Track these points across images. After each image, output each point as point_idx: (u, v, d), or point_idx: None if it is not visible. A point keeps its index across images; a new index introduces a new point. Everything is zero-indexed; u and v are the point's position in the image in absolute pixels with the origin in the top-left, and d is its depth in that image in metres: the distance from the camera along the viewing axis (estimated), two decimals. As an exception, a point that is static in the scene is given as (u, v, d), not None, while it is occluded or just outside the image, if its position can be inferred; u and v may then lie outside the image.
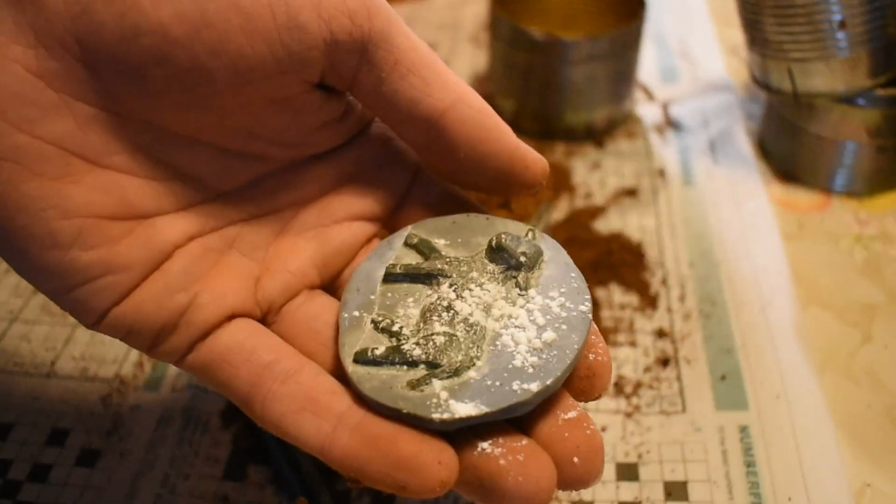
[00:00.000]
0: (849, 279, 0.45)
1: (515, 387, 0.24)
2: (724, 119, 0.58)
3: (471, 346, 0.25)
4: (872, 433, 0.37)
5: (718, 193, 0.51)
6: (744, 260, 0.47)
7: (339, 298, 0.29)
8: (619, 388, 0.40)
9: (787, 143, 0.52)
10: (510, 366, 0.25)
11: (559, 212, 0.50)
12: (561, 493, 0.35)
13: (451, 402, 0.24)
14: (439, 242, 0.29)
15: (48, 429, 0.39)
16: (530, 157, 0.29)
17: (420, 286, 0.28)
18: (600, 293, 0.45)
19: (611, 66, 0.54)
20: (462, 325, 0.26)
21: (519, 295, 0.27)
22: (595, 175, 0.53)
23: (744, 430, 0.38)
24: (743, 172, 0.53)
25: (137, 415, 0.39)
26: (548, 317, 0.26)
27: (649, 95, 0.61)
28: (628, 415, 0.39)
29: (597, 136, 0.56)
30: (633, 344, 0.42)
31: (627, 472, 0.36)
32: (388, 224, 0.31)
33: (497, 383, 0.24)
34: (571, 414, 0.25)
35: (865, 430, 0.38)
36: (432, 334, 0.26)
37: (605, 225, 0.49)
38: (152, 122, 0.25)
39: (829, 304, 0.44)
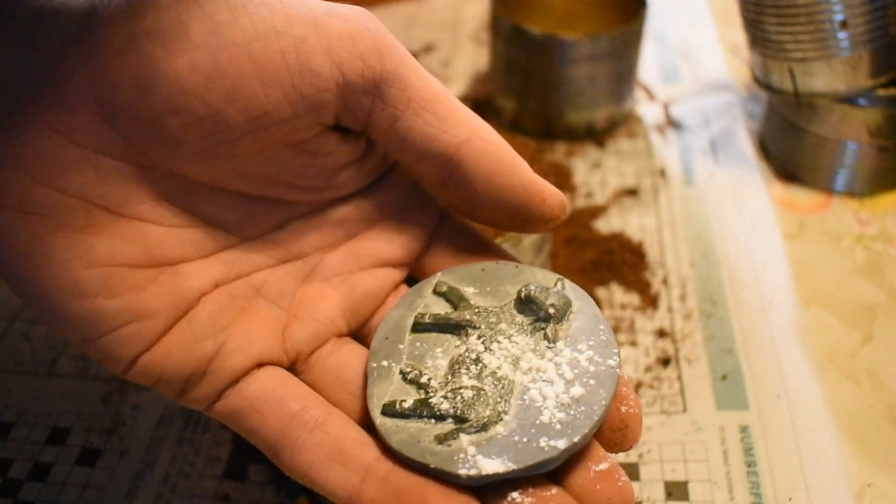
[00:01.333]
0: (850, 279, 0.45)
1: (543, 443, 0.24)
2: (724, 119, 0.58)
3: (498, 400, 0.25)
4: (873, 433, 0.37)
5: (719, 193, 0.51)
6: (745, 260, 0.47)
7: (367, 346, 0.29)
8: (619, 387, 0.40)
9: (788, 143, 0.52)
10: (538, 421, 0.25)
11: (560, 211, 0.50)
12: (561, 493, 0.35)
13: (479, 457, 0.24)
14: (468, 291, 0.28)
15: (49, 428, 0.39)
16: (547, 191, 0.29)
17: (449, 336, 0.28)
18: (601, 293, 0.45)
19: (612, 66, 0.54)
20: (490, 378, 0.26)
21: (547, 348, 0.27)
22: (596, 175, 0.53)
23: (744, 429, 0.38)
24: (744, 172, 0.53)
25: (138, 414, 0.39)
26: (576, 371, 0.26)
27: (650, 95, 0.61)
28: (629, 414, 0.39)
29: (597, 135, 0.56)
30: (633, 343, 0.42)
31: (628, 471, 0.36)
32: (414, 269, 0.31)
33: (524, 439, 0.24)
34: (603, 466, 0.25)
35: (866, 430, 0.38)
36: (460, 388, 0.26)
37: (605, 224, 0.49)
38: (173, 172, 0.26)
39: (829, 304, 0.44)
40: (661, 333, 0.42)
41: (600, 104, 0.55)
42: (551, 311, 0.27)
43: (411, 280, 0.31)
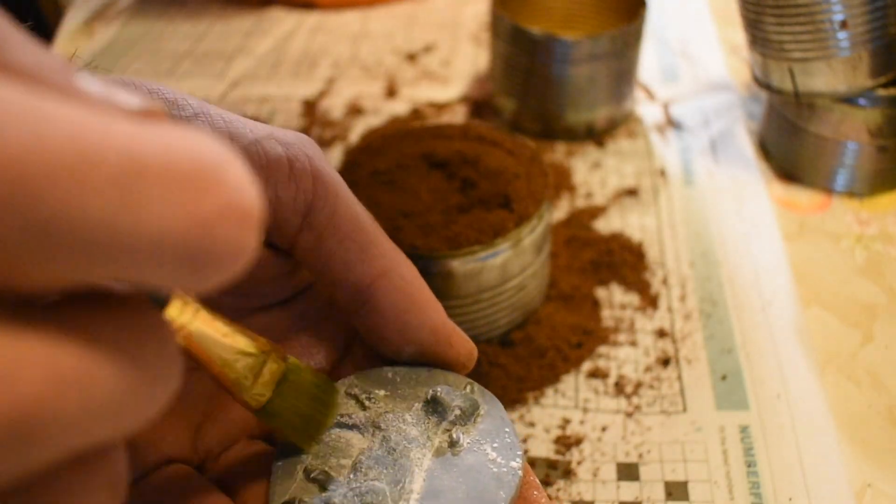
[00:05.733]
0: (850, 279, 0.45)
1: None
2: (724, 119, 0.57)
3: (398, 500, 0.26)
4: (873, 433, 0.37)
5: (719, 193, 0.51)
6: (745, 260, 0.47)
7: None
8: (619, 387, 0.40)
9: (788, 143, 0.52)
10: None
11: (560, 211, 0.50)
12: (561, 493, 0.35)
13: None
14: (379, 393, 0.29)
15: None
16: (456, 337, 0.29)
17: (356, 436, 0.28)
18: (601, 293, 0.45)
19: (612, 66, 0.54)
20: (392, 477, 0.26)
21: (450, 449, 0.27)
22: (596, 175, 0.53)
23: (744, 429, 0.38)
24: (744, 172, 0.53)
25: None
26: (479, 473, 0.26)
27: (650, 95, 0.61)
28: (629, 414, 0.39)
29: (597, 135, 0.56)
30: (633, 344, 0.42)
31: (628, 471, 0.36)
32: (332, 374, 0.31)
33: None
34: None
35: (866, 431, 0.37)
36: (362, 487, 0.26)
37: (605, 225, 0.49)
38: None
39: (829, 304, 0.44)
40: (661, 333, 0.42)
41: (600, 104, 0.55)
42: (457, 413, 0.28)
43: None
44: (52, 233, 0.12)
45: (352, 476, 0.26)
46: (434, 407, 0.28)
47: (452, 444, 0.27)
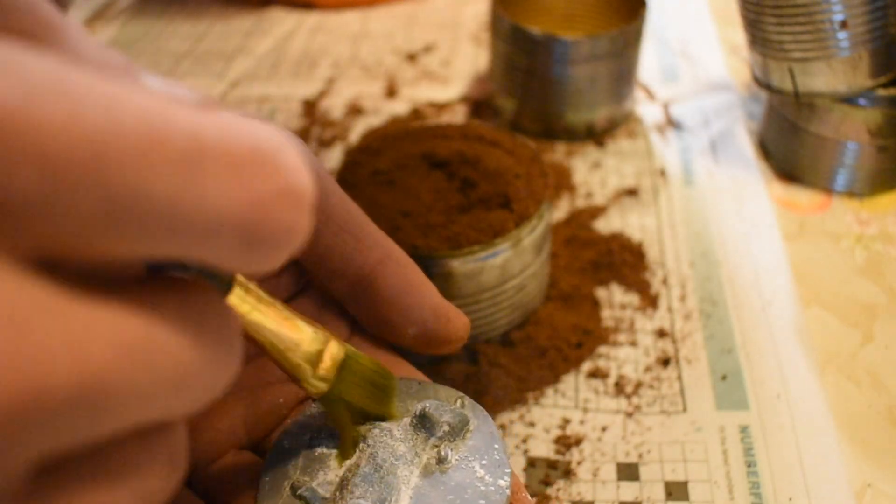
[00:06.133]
0: (850, 279, 0.45)
1: None
2: (724, 119, 0.57)
3: None
4: (873, 433, 0.37)
5: (719, 193, 0.51)
6: (745, 260, 0.47)
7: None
8: (619, 387, 0.40)
9: (788, 143, 0.52)
10: None
11: (560, 211, 0.50)
12: (561, 493, 0.35)
13: None
14: None
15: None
16: (453, 312, 0.31)
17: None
18: (601, 293, 0.45)
19: (611, 66, 0.54)
20: (378, 496, 0.26)
21: (438, 465, 0.27)
22: (596, 175, 0.53)
23: (744, 429, 0.38)
24: (744, 172, 0.53)
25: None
26: (466, 491, 0.26)
27: (650, 95, 0.61)
28: (629, 414, 0.39)
29: (597, 135, 0.56)
30: (633, 344, 0.42)
31: (628, 471, 0.36)
32: None
33: None
34: None
35: (866, 431, 0.37)
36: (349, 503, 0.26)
37: (605, 225, 0.49)
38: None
39: (829, 304, 0.44)
40: (661, 333, 0.42)
41: (600, 104, 0.55)
42: (446, 428, 0.28)
43: None
44: (123, 206, 0.13)
45: (338, 494, 0.26)
46: (422, 422, 0.28)
47: (440, 460, 0.27)
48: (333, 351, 0.26)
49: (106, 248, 0.14)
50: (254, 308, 0.23)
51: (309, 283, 0.32)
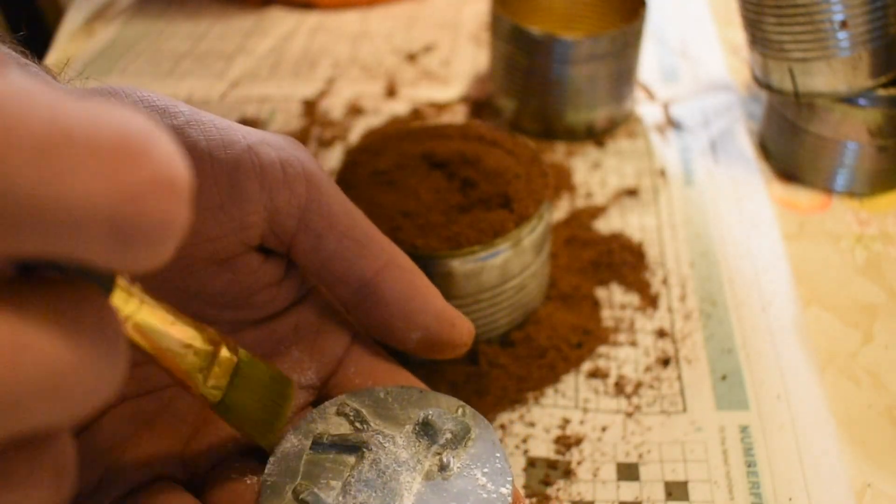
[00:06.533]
0: (850, 279, 0.45)
1: None
2: (724, 119, 0.57)
3: None
4: (873, 433, 0.37)
5: (719, 193, 0.51)
6: (745, 260, 0.47)
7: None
8: (619, 387, 0.40)
9: (788, 143, 0.52)
10: None
11: (560, 211, 0.50)
12: (561, 493, 0.35)
13: None
14: (370, 413, 0.29)
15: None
16: (457, 318, 0.30)
17: (346, 457, 0.28)
18: (601, 293, 0.45)
19: (611, 66, 0.54)
20: (381, 501, 0.26)
21: (440, 473, 0.27)
22: (596, 175, 0.53)
23: (744, 429, 0.38)
24: (744, 172, 0.53)
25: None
26: (468, 498, 0.26)
27: (650, 95, 0.61)
28: (629, 414, 0.39)
29: (597, 135, 0.56)
30: (633, 344, 0.42)
31: (628, 471, 0.36)
32: (322, 390, 0.31)
33: None
34: None
35: (866, 431, 0.37)
36: None
37: (605, 225, 0.49)
38: None
39: (829, 304, 0.44)
40: (661, 333, 0.42)
41: (600, 104, 0.55)
42: (448, 436, 0.28)
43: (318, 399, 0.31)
44: None
45: (341, 498, 0.26)
46: (425, 430, 0.28)
47: (442, 467, 0.27)
48: (225, 355, 0.24)
49: None
50: (137, 310, 0.21)
51: (310, 290, 0.32)
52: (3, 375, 0.13)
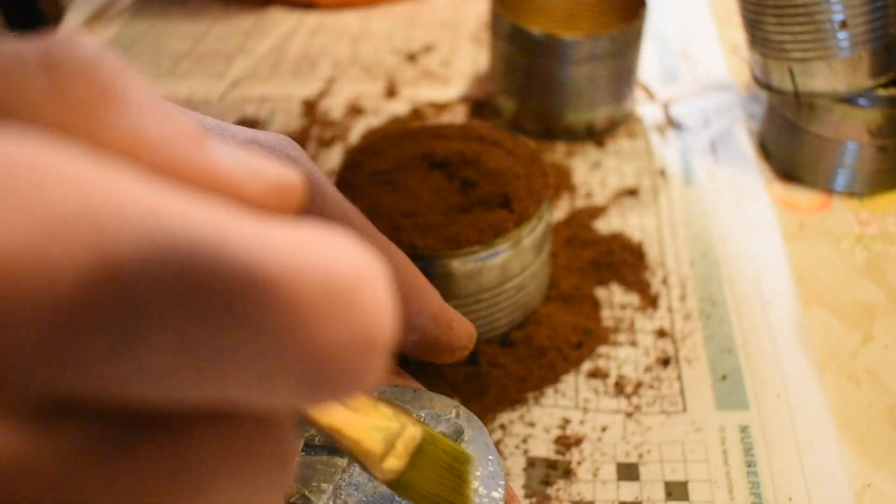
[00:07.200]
0: (850, 279, 0.45)
1: None
2: (724, 119, 0.57)
3: None
4: (873, 433, 0.37)
5: (719, 193, 0.51)
6: (745, 260, 0.47)
7: None
8: (619, 387, 0.40)
9: (788, 143, 0.52)
10: None
11: (560, 211, 0.50)
12: (561, 493, 0.35)
13: None
14: None
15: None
16: (456, 321, 0.30)
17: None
18: (601, 293, 0.45)
19: (612, 66, 0.54)
20: (370, 503, 0.26)
21: None
22: (596, 175, 0.53)
23: (744, 429, 0.38)
24: (744, 172, 0.53)
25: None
26: None
27: (650, 95, 0.61)
28: (629, 414, 0.39)
29: (597, 135, 0.56)
30: (633, 344, 0.42)
31: (628, 471, 0.36)
32: None
33: None
34: None
35: (866, 431, 0.37)
36: None
37: (605, 225, 0.49)
38: None
39: (829, 304, 0.44)
40: (661, 333, 0.42)
41: (600, 104, 0.55)
42: None
43: None
44: (163, 359, 0.11)
45: (331, 502, 0.26)
46: None
47: None
48: (408, 435, 0.23)
49: (152, 396, 0.12)
50: (321, 413, 0.21)
51: None
52: None
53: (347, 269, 0.12)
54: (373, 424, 0.23)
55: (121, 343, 0.11)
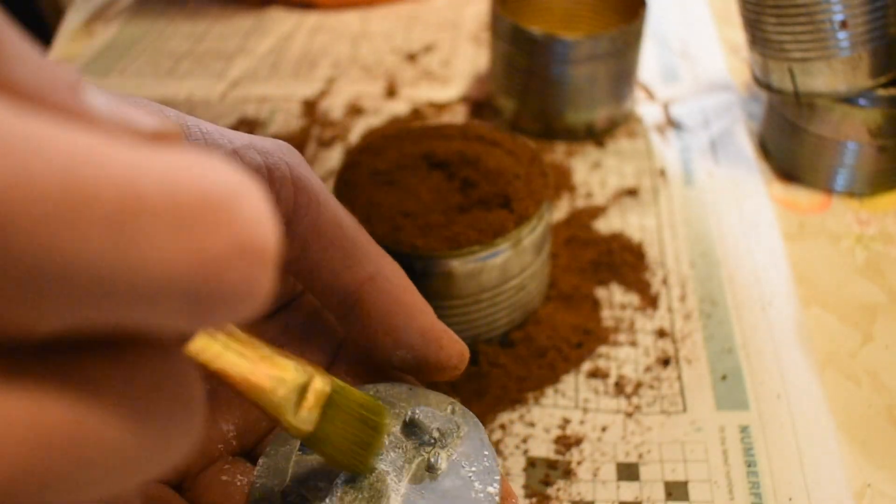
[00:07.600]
0: (849, 279, 0.45)
1: None
2: (724, 119, 0.57)
3: None
4: (873, 433, 0.37)
5: (719, 193, 0.51)
6: (745, 260, 0.47)
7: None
8: (619, 387, 0.40)
9: (788, 143, 0.52)
10: None
11: (560, 212, 0.50)
12: (561, 493, 0.35)
13: None
14: None
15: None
16: (446, 339, 0.29)
17: None
18: (601, 293, 0.45)
19: (612, 66, 0.54)
20: (367, 501, 0.26)
21: (427, 472, 0.27)
22: (596, 175, 0.53)
23: (744, 429, 0.38)
24: (744, 172, 0.53)
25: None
26: (455, 498, 0.26)
27: (650, 95, 0.61)
28: (629, 414, 0.39)
29: (597, 135, 0.56)
30: (633, 344, 0.42)
31: (628, 471, 0.36)
32: None
33: None
34: None
35: (866, 431, 0.37)
36: None
37: (605, 225, 0.49)
38: None
39: (829, 304, 0.44)
40: (661, 333, 0.42)
41: (600, 104, 0.55)
42: (436, 435, 0.27)
43: None
44: (37, 276, 0.11)
45: (328, 501, 0.26)
46: (412, 429, 0.28)
47: (430, 467, 0.27)
48: (318, 387, 0.23)
49: (22, 319, 0.11)
50: (224, 350, 0.20)
51: (298, 295, 0.32)
52: (64, 471, 0.12)
53: (225, 184, 0.13)
54: (279, 375, 0.22)
55: (12, 269, 0.11)
